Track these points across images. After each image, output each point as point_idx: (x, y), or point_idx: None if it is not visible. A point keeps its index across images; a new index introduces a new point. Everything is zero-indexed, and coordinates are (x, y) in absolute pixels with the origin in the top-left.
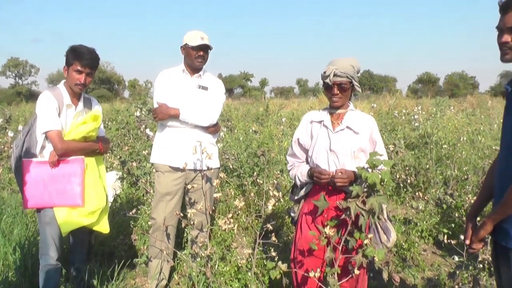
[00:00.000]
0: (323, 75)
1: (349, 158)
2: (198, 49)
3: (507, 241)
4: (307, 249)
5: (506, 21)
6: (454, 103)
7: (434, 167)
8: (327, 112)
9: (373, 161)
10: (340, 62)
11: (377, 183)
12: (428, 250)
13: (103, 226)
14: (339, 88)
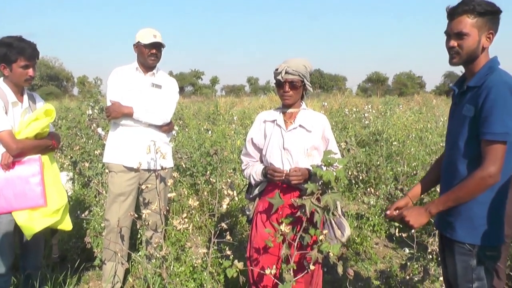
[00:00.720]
0: (275, 72)
1: (303, 156)
2: (150, 47)
3: (451, 234)
4: (263, 246)
5: (453, 27)
6: (402, 102)
7: (385, 163)
8: (280, 111)
9: (328, 159)
10: (293, 61)
11: (332, 181)
12: (380, 244)
13: (66, 224)
14: (290, 85)
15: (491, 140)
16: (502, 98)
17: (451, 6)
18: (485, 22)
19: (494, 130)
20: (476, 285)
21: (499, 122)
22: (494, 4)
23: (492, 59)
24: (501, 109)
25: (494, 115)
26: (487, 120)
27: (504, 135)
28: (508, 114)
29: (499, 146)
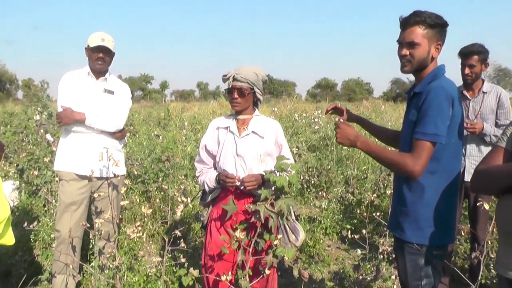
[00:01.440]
0: (223, 78)
1: (256, 162)
2: (97, 51)
3: (400, 234)
4: (218, 253)
5: (405, 36)
6: (352, 107)
7: (335, 167)
8: (233, 118)
9: (281, 165)
10: (244, 68)
11: (285, 186)
12: (332, 246)
13: (8, 238)
14: (239, 92)
15: (419, 139)
16: (437, 102)
17: (404, 17)
18: (434, 34)
19: (426, 130)
20: (425, 282)
21: (431, 124)
22: (442, 18)
23: (438, 67)
24: (435, 111)
25: (428, 117)
26: (421, 121)
27: (433, 136)
28: (440, 117)
29: (427, 144)
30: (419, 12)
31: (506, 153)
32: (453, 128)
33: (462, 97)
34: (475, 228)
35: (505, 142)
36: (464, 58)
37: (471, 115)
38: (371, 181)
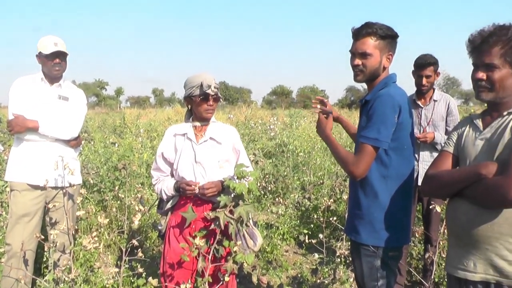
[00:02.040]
0: (207, 84)
1: (215, 169)
2: (53, 57)
3: (356, 237)
4: (177, 261)
5: (357, 47)
6: (307, 114)
7: (292, 173)
8: (190, 125)
9: (240, 171)
10: (211, 76)
11: (244, 193)
12: (290, 251)
13: None
14: (214, 99)
15: (362, 142)
16: (382, 109)
17: (356, 28)
18: (385, 45)
19: (368, 134)
20: (381, 282)
21: (374, 129)
22: (393, 29)
23: (388, 75)
24: (379, 118)
25: (372, 122)
26: (366, 126)
27: (374, 141)
28: (383, 124)
29: (368, 148)
30: (370, 23)
31: (453, 158)
32: (403, 135)
33: (414, 105)
34: (428, 230)
35: (451, 147)
36: (421, 69)
37: (423, 122)
38: (327, 186)
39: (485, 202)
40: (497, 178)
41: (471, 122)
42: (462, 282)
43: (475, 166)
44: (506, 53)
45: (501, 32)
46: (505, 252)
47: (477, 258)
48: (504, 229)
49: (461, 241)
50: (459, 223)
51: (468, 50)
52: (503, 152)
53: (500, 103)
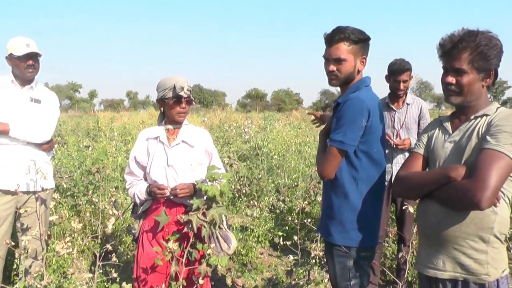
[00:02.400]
0: (179, 87)
1: (187, 172)
2: (26, 58)
3: (328, 237)
4: (150, 265)
5: (331, 53)
6: (281, 117)
7: (266, 176)
8: (163, 128)
9: (212, 174)
10: (183, 78)
11: (217, 195)
12: (265, 253)
13: None
14: (187, 102)
15: (328, 144)
16: (350, 112)
17: (328, 33)
18: (359, 49)
19: (335, 137)
20: (353, 282)
21: (341, 132)
22: (365, 33)
23: (361, 79)
24: (346, 121)
25: (339, 126)
26: (334, 128)
27: (339, 143)
28: (350, 127)
29: (334, 150)
30: (342, 28)
31: (423, 159)
32: (372, 138)
33: (388, 108)
34: (402, 230)
35: (422, 148)
36: (398, 74)
37: (397, 125)
38: (302, 189)
39: (454, 204)
40: (466, 181)
41: (440, 125)
42: (432, 280)
43: (444, 169)
44: (474, 59)
45: (470, 38)
46: (471, 251)
47: (446, 257)
48: (471, 229)
49: (431, 241)
50: (428, 224)
51: (438, 54)
52: (471, 155)
53: (468, 107)
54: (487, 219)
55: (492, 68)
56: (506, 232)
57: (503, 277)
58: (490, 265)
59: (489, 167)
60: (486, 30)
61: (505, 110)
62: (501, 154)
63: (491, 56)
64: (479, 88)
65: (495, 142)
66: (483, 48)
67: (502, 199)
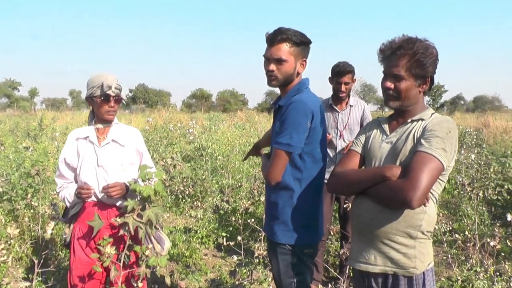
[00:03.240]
0: (107, 85)
1: (119, 172)
2: None
3: (272, 236)
4: (84, 272)
5: (272, 53)
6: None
7: (210, 177)
8: (92, 127)
9: (145, 173)
10: (113, 76)
11: (151, 195)
12: (209, 254)
13: None
14: (116, 101)
15: (275, 147)
16: (295, 115)
17: (270, 33)
18: (300, 51)
19: (281, 140)
20: (298, 279)
21: (287, 135)
22: (306, 36)
23: (301, 81)
24: (291, 124)
25: (284, 128)
26: (279, 132)
27: (286, 146)
28: (295, 129)
29: (281, 153)
30: (284, 29)
31: (360, 158)
32: (315, 139)
33: (331, 109)
34: (345, 228)
35: (359, 147)
36: (340, 76)
37: (340, 126)
38: (246, 189)
39: (387, 202)
40: (399, 181)
41: (379, 126)
42: (365, 275)
43: (380, 168)
44: (412, 66)
45: (408, 46)
46: (400, 246)
47: (377, 252)
48: (401, 226)
49: (363, 236)
50: (362, 220)
51: (378, 59)
52: (407, 157)
53: (406, 111)
54: (416, 217)
55: (428, 75)
56: (432, 229)
57: (429, 270)
58: (418, 259)
59: (421, 169)
60: (424, 38)
61: (439, 116)
62: (432, 158)
63: (427, 64)
64: (416, 93)
65: (428, 145)
66: (420, 56)
67: (430, 199)
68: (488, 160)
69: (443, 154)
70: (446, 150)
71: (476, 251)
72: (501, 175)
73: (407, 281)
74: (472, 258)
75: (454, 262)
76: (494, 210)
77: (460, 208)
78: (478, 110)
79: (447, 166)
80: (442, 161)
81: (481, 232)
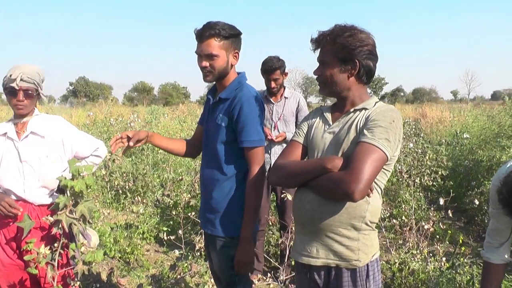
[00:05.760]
0: (9, 78)
1: (45, 165)
2: None
3: (212, 230)
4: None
5: (203, 49)
6: (168, 111)
7: (151, 171)
8: (11, 122)
9: (76, 168)
10: (27, 67)
11: (84, 190)
12: (151, 250)
13: None
14: (25, 94)
15: (251, 147)
16: (253, 111)
17: (198, 29)
18: (230, 44)
19: (253, 138)
20: None
21: (254, 131)
22: (236, 28)
23: (240, 74)
24: (254, 120)
25: (249, 126)
26: (244, 131)
27: (260, 141)
28: (259, 123)
29: (258, 149)
30: (212, 24)
31: (302, 148)
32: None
33: (267, 101)
34: (283, 218)
35: (301, 137)
36: (268, 73)
37: (275, 117)
38: (187, 182)
39: (329, 194)
40: (341, 173)
41: (321, 115)
42: (307, 268)
43: (321, 160)
44: (336, 50)
45: (334, 32)
46: (343, 238)
47: (320, 244)
48: (344, 218)
49: (305, 229)
50: (304, 212)
51: (311, 49)
52: (349, 148)
53: (345, 99)
54: (360, 208)
55: (355, 59)
56: (376, 220)
57: (373, 261)
58: (361, 251)
59: (363, 160)
60: (352, 25)
61: (382, 105)
62: (375, 148)
63: (351, 46)
64: (343, 79)
65: (371, 136)
66: (344, 40)
67: (375, 189)
68: (424, 149)
69: (386, 145)
70: (389, 140)
71: (412, 234)
72: (435, 162)
73: (350, 273)
74: (408, 241)
75: (392, 246)
76: (430, 195)
77: (399, 195)
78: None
79: (391, 156)
80: (386, 151)
81: (418, 216)
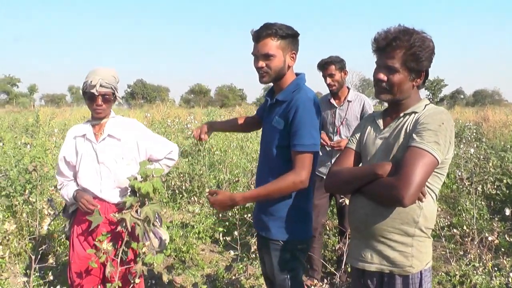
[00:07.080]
0: (89, 84)
1: (120, 167)
2: None
3: (266, 232)
4: (83, 268)
5: (260, 49)
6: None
7: (208, 172)
8: (89, 124)
9: (144, 171)
10: (104, 72)
11: (150, 192)
12: (206, 249)
13: None
14: (103, 99)
15: (301, 151)
16: (309, 115)
17: (255, 30)
18: (287, 44)
19: (304, 142)
20: (291, 275)
21: (308, 135)
22: (293, 28)
23: (299, 76)
24: (308, 124)
25: (303, 130)
26: (297, 134)
27: (312, 146)
28: (314, 128)
29: (308, 155)
30: (269, 24)
31: (355, 155)
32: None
33: (329, 105)
34: (342, 223)
35: (354, 144)
36: (323, 69)
37: (337, 122)
38: (243, 184)
39: (380, 200)
40: (391, 179)
41: (373, 121)
42: (361, 273)
43: (372, 166)
44: (407, 59)
45: (404, 38)
46: (396, 243)
47: (373, 249)
48: (396, 223)
49: (360, 234)
50: (358, 217)
51: (372, 49)
52: (399, 153)
53: (399, 104)
54: (412, 213)
55: (423, 69)
56: (432, 226)
57: (426, 270)
58: (415, 258)
59: (413, 165)
60: (421, 30)
61: (432, 108)
62: (425, 152)
63: (423, 58)
64: (409, 87)
65: (420, 140)
66: (416, 49)
67: (428, 194)
68: (487, 154)
69: (436, 148)
70: (439, 143)
71: (474, 246)
72: (500, 169)
73: (402, 280)
74: (470, 253)
75: (453, 257)
76: (493, 205)
77: (459, 203)
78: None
79: (442, 160)
80: (436, 155)
81: (479, 226)
